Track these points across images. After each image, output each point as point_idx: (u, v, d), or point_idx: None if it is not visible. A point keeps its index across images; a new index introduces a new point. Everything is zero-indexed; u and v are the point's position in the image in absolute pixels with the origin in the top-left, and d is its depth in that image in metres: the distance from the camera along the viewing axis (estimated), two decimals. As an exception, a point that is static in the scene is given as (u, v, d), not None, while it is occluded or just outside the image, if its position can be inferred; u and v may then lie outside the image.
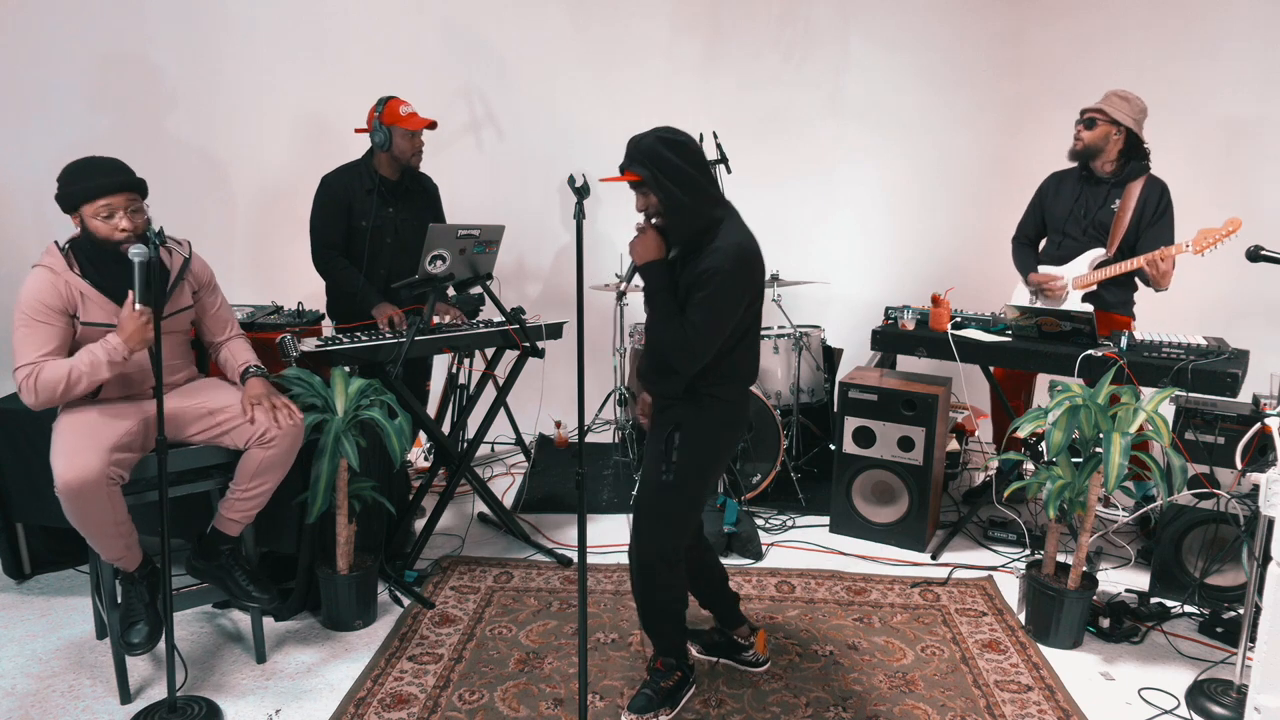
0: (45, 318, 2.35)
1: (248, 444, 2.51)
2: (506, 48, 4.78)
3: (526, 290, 5.04)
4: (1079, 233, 3.55)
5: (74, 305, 2.39)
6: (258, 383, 2.60)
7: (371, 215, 3.35)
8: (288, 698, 2.54)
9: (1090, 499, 2.74)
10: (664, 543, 2.32)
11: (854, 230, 4.98)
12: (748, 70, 4.81)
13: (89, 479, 2.25)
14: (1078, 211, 3.55)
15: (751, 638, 2.69)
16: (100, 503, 2.29)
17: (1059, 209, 3.62)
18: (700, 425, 2.31)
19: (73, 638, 2.82)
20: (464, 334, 3.24)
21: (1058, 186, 3.67)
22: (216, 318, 2.71)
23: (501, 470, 4.43)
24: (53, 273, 2.38)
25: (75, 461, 2.26)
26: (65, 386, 2.31)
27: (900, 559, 3.45)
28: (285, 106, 4.54)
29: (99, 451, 2.28)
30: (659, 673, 2.48)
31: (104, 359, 2.32)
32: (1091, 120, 3.42)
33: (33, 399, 2.33)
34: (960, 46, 4.70)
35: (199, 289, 2.64)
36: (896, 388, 3.47)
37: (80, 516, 2.30)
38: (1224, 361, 3.01)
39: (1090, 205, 3.52)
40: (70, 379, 2.31)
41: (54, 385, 2.31)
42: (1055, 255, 3.63)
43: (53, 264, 2.40)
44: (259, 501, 2.57)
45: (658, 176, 2.15)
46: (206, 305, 2.68)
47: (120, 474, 2.33)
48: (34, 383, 2.31)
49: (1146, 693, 2.61)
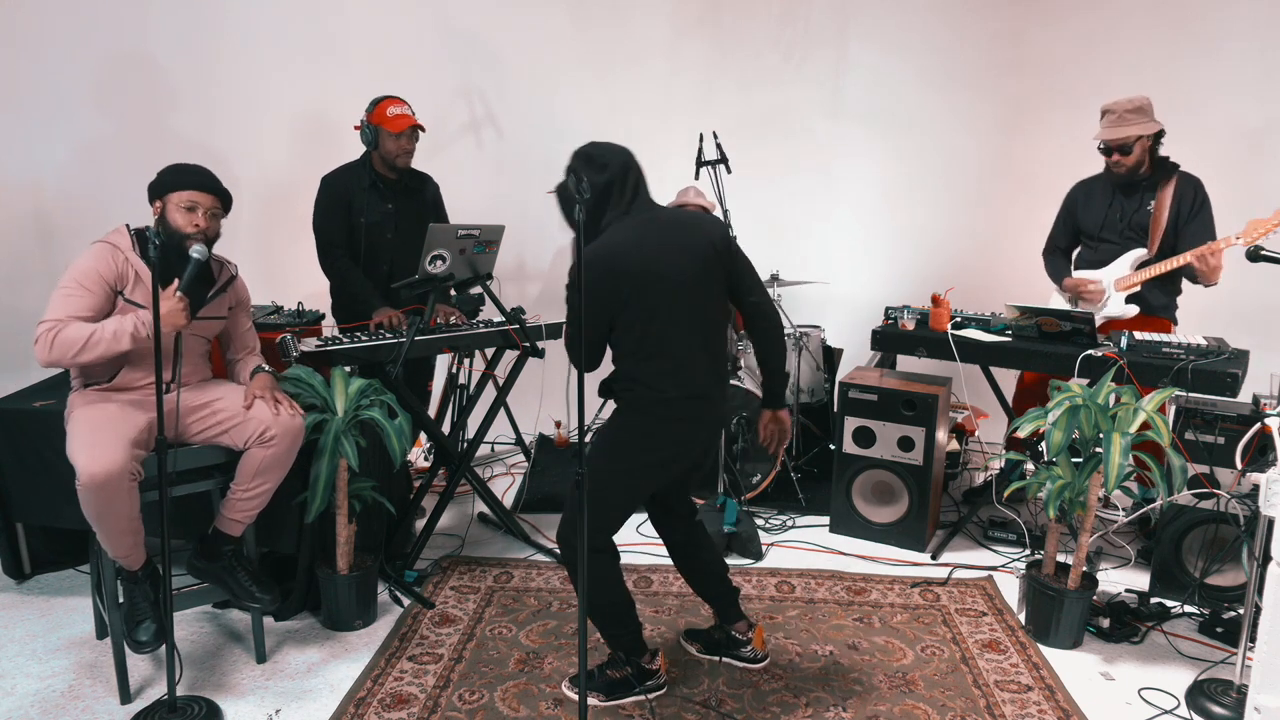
0: (92, 285, 2.44)
1: (247, 444, 2.52)
2: (506, 48, 4.78)
3: (526, 290, 5.04)
4: (1117, 237, 3.45)
5: (124, 282, 2.49)
6: (264, 378, 2.66)
7: (370, 212, 3.36)
8: (288, 698, 2.54)
9: (1090, 499, 2.74)
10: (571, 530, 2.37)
11: (854, 230, 4.98)
12: (748, 70, 4.81)
13: (114, 472, 2.25)
14: (1113, 217, 3.46)
15: (749, 633, 2.70)
16: (121, 497, 2.29)
17: (1092, 218, 3.53)
18: (610, 426, 2.43)
19: (73, 638, 2.82)
20: (464, 334, 3.24)
21: (1087, 196, 3.57)
22: (241, 336, 2.81)
23: (501, 470, 4.43)
24: (115, 248, 2.50)
25: (100, 455, 2.26)
26: (82, 347, 2.37)
27: (900, 559, 3.45)
28: (286, 106, 4.54)
29: (122, 445, 2.30)
30: (612, 661, 2.53)
31: (128, 330, 2.39)
32: (1127, 147, 3.32)
33: (45, 353, 2.38)
34: (960, 46, 4.70)
35: (235, 305, 2.77)
36: (896, 388, 3.47)
37: (99, 512, 2.30)
38: (1224, 361, 3.01)
39: (1125, 209, 3.43)
40: (89, 341, 2.37)
41: (72, 343, 2.37)
42: (1092, 260, 3.53)
43: (117, 241, 2.52)
44: (260, 501, 2.58)
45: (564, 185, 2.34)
46: (238, 322, 2.80)
47: (139, 469, 2.35)
48: (53, 337, 2.37)
49: (1146, 693, 2.61)
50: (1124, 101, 3.33)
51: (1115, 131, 3.32)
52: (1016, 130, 4.70)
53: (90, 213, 3.76)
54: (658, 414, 2.35)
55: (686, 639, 2.83)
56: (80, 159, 4.24)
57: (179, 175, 2.55)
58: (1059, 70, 4.53)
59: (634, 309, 2.27)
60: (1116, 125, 3.32)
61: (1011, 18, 4.64)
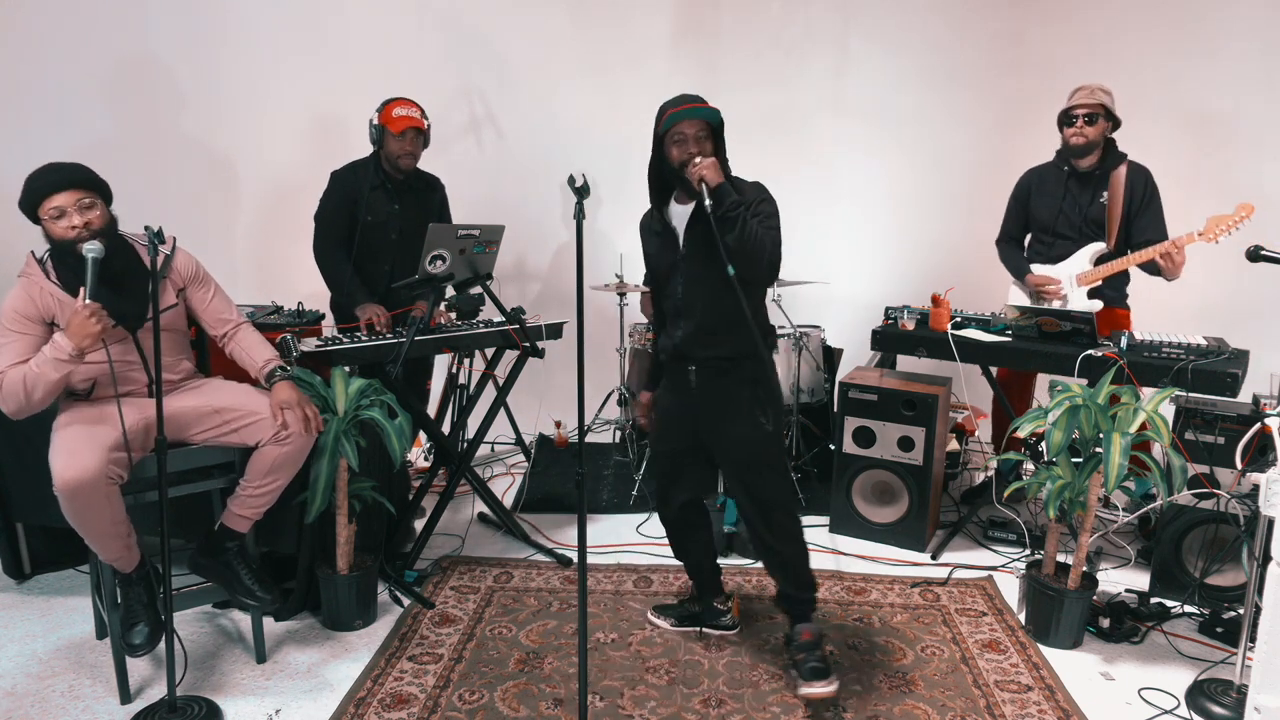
0: (19, 327, 2.36)
1: (261, 442, 2.50)
2: (506, 48, 4.78)
3: (526, 290, 5.04)
4: (1072, 231, 3.52)
5: (50, 312, 2.39)
6: (287, 387, 2.57)
7: (375, 211, 3.37)
8: (288, 698, 2.54)
9: (1090, 499, 2.74)
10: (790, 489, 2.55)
11: (854, 230, 4.97)
12: (748, 70, 4.81)
13: (87, 478, 2.24)
14: (1068, 209, 3.51)
15: (728, 603, 2.86)
16: (98, 502, 2.28)
17: (1045, 209, 3.58)
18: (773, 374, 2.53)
19: (73, 638, 2.82)
20: (464, 334, 3.24)
21: (1040, 185, 3.61)
22: (211, 310, 2.66)
23: (501, 470, 4.43)
24: (29, 281, 2.40)
25: (73, 461, 2.25)
26: (25, 392, 2.30)
27: (900, 559, 3.45)
28: (287, 107, 4.54)
29: (98, 451, 2.28)
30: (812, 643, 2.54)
31: (49, 357, 2.27)
32: (1093, 115, 3.38)
33: (7, 407, 2.34)
34: (960, 46, 4.70)
35: (184, 285, 2.61)
36: (896, 388, 3.47)
37: (78, 516, 2.29)
38: (1224, 361, 3.01)
39: (1080, 202, 3.49)
40: (27, 384, 2.29)
41: (16, 393, 2.30)
42: (1048, 255, 3.59)
43: (30, 273, 2.42)
44: (270, 498, 2.58)
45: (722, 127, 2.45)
46: (197, 300, 2.64)
47: (119, 473, 2.33)
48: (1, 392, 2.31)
49: (1146, 693, 2.61)
50: (1094, 83, 3.41)
51: (1088, 98, 3.39)
52: (1017, 130, 4.70)
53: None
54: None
55: (657, 614, 2.92)
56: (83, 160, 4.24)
57: (33, 184, 2.36)
58: (1059, 70, 4.52)
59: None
60: (1090, 94, 3.39)
61: (1011, 18, 4.64)
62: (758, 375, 2.47)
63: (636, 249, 2.68)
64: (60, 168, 2.39)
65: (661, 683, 2.61)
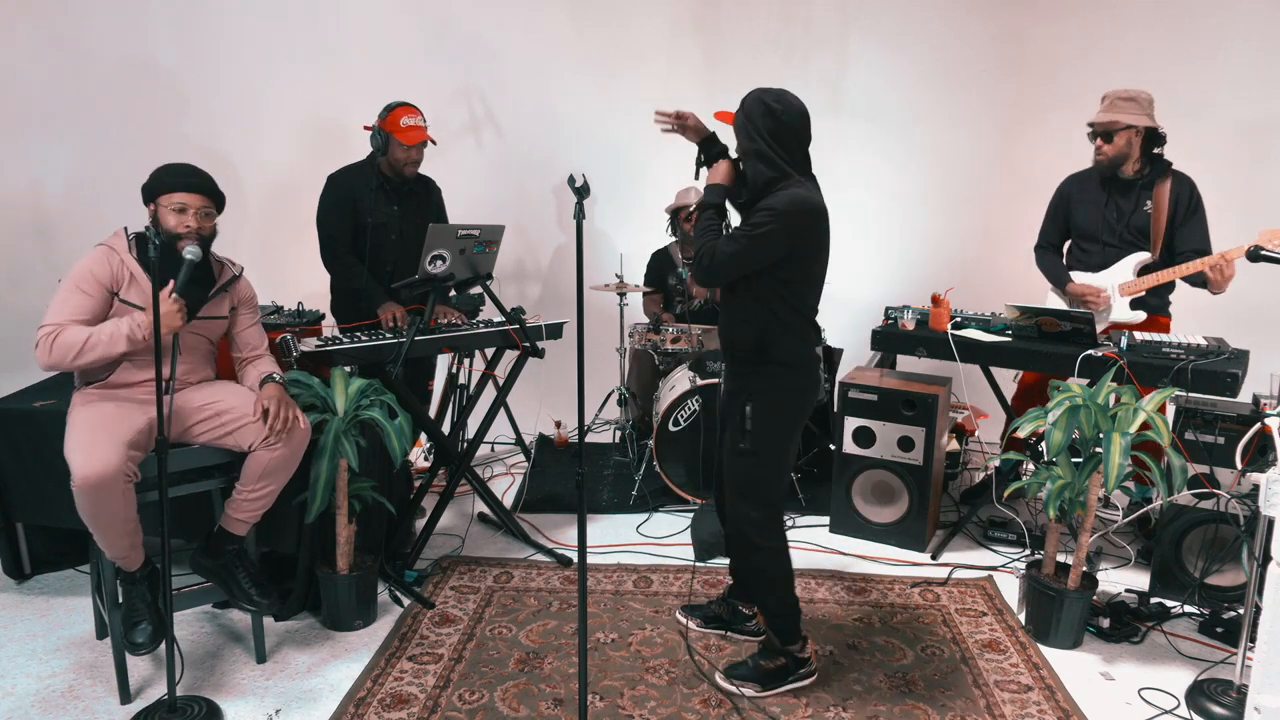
0: (88, 288, 2.47)
1: (252, 446, 2.52)
2: (506, 48, 4.78)
3: (526, 290, 5.04)
4: (1115, 240, 3.39)
5: (119, 283, 2.51)
6: (274, 388, 2.61)
7: (376, 213, 3.37)
8: (288, 698, 2.54)
9: (1090, 499, 2.74)
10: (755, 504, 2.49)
11: (854, 230, 4.95)
12: (748, 70, 4.81)
13: (109, 474, 2.26)
14: (1110, 218, 3.40)
15: (755, 609, 2.82)
16: (116, 499, 2.30)
17: (1086, 217, 3.46)
18: (769, 392, 2.48)
19: (73, 638, 2.82)
20: (464, 334, 3.24)
21: (1080, 192, 3.50)
22: (246, 335, 2.79)
23: (501, 470, 4.43)
24: (111, 250, 2.53)
25: (95, 456, 2.27)
26: (80, 350, 2.40)
27: (900, 559, 3.45)
28: (287, 108, 4.54)
29: (117, 446, 2.30)
30: (765, 650, 2.60)
31: (125, 332, 2.41)
32: (1109, 133, 3.28)
33: (45, 357, 2.41)
34: (960, 46, 4.70)
35: (238, 304, 2.75)
36: (896, 388, 3.47)
37: (94, 512, 2.30)
38: (1224, 361, 3.01)
39: (1123, 210, 3.37)
40: (87, 344, 2.40)
41: (70, 347, 2.40)
42: (1090, 264, 3.47)
43: (114, 244, 2.55)
44: (265, 502, 2.58)
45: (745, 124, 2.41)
46: (242, 321, 2.78)
47: (134, 471, 2.35)
48: (52, 341, 2.40)
49: (1146, 693, 2.61)
50: (1121, 90, 3.30)
51: (1101, 115, 3.31)
52: (1017, 130, 4.70)
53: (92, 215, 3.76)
54: (808, 372, 2.54)
55: (685, 613, 2.93)
56: (83, 161, 4.25)
57: (168, 176, 2.55)
58: (1059, 70, 4.53)
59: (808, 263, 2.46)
60: (1105, 110, 3.30)
61: (1011, 18, 4.64)
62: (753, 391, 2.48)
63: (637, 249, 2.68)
64: (199, 173, 2.60)
65: (661, 683, 2.61)
